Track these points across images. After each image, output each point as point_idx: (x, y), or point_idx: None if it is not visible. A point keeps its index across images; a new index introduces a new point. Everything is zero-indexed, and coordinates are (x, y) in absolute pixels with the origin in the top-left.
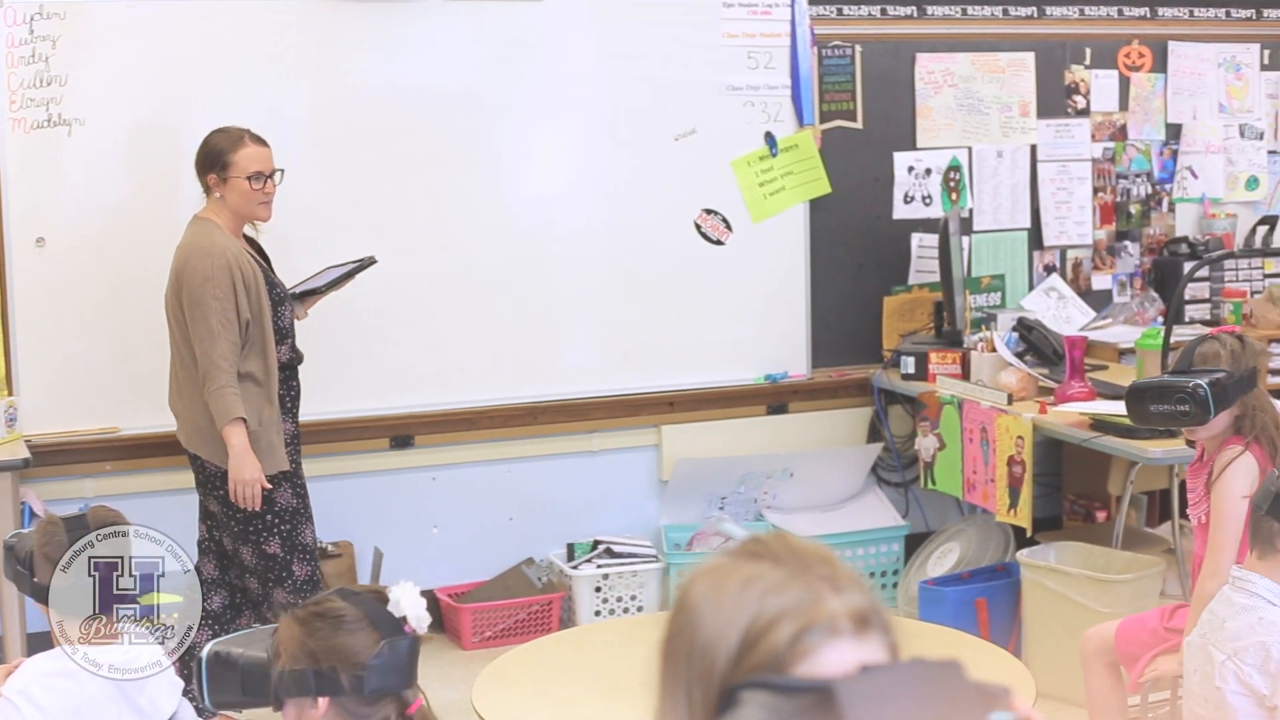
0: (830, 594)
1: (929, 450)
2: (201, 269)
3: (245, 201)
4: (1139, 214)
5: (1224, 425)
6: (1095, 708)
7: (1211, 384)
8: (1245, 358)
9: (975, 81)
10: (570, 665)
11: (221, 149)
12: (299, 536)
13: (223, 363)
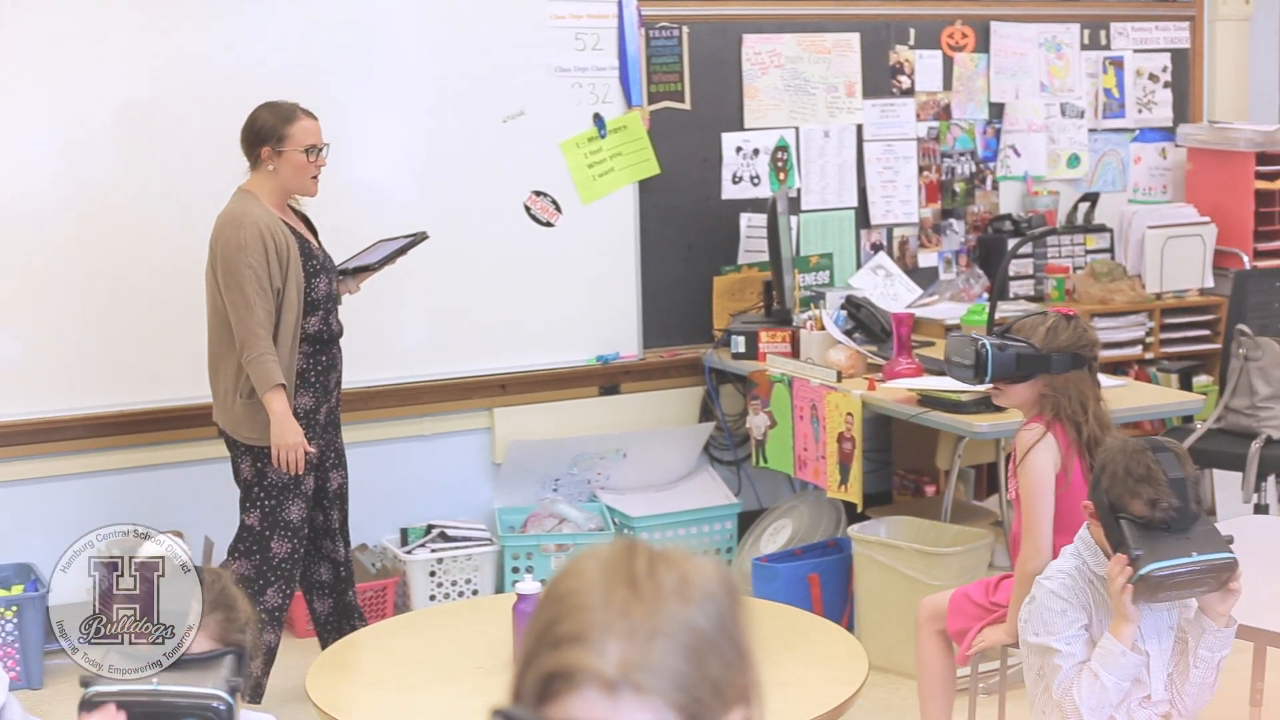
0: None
1: (760, 428)
2: (235, 238)
3: (298, 174)
4: (964, 192)
5: (1025, 399)
6: (924, 672)
7: (999, 348)
8: (1060, 339)
9: (802, 62)
10: (406, 650)
11: (276, 122)
12: (283, 512)
13: (260, 330)
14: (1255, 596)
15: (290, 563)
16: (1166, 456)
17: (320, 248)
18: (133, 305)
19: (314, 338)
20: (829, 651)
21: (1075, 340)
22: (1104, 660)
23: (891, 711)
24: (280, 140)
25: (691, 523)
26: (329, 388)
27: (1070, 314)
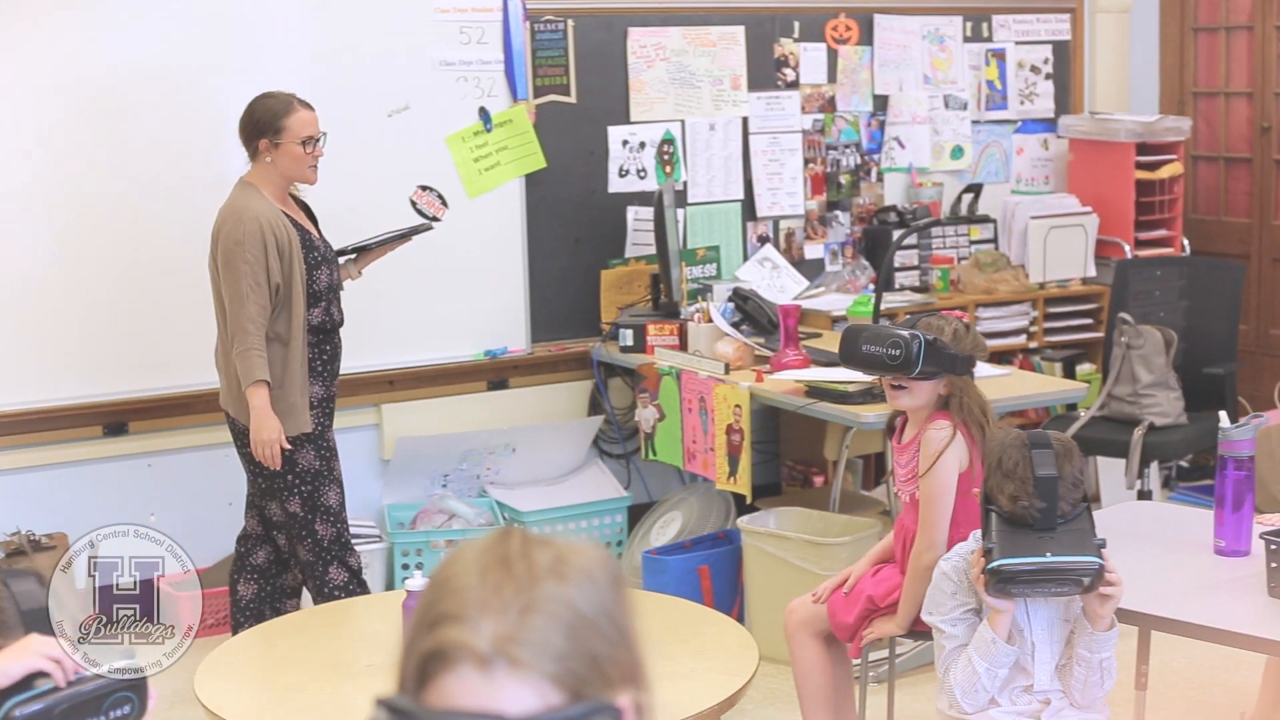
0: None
1: (649, 421)
2: (234, 233)
3: (297, 165)
4: (849, 184)
5: (928, 398)
6: (805, 679)
7: (930, 341)
8: (965, 343)
9: (687, 55)
10: (295, 650)
11: (274, 114)
12: (320, 498)
13: (250, 325)
14: (1139, 581)
15: (339, 545)
16: (1043, 454)
17: (321, 238)
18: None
19: (318, 328)
20: (720, 643)
21: (973, 345)
22: (977, 646)
23: (782, 701)
24: (277, 132)
25: (581, 516)
26: (334, 375)
27: (962, 318)
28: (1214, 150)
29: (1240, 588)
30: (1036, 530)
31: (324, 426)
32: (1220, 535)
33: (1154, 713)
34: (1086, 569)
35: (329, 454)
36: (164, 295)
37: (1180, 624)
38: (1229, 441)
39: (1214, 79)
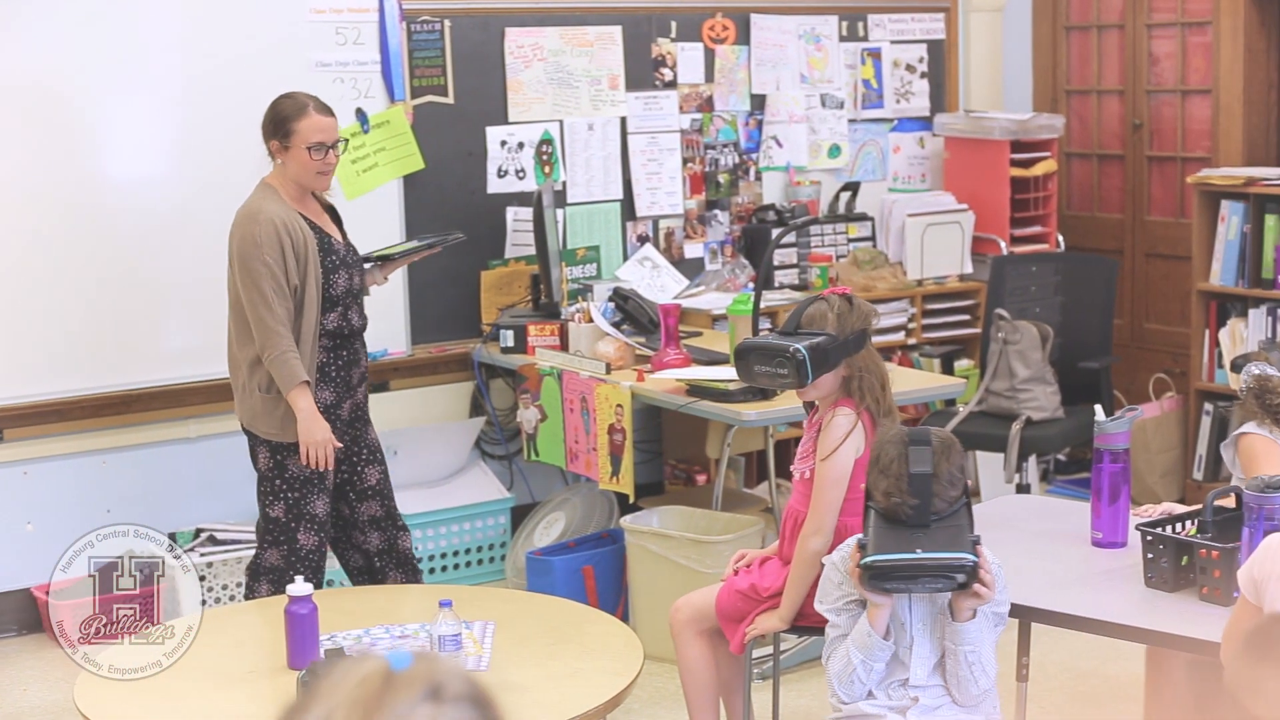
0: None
1: (531, 422)
2: (251, 234)
3: (304, 171)
4: (727, 183)
5: (831, 386)
6: (691, 677)
7: (811, 349)
8: (852, 320)
9: (565, 55)
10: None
11: (286, 116)
12: (307, 505)
13: (280, 328)
14: (1018, 574)
15: (317, 555)
16: (919, 450)
17: (342, 241)
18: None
19: (333, 333)
20: (605, 643)
21: (861, 317)
22: (855, 638)
23: (669, 699)
24: (286, 135)
25: (464, 519)
26: (351, 383)
27: (845, 292)
28: (1087, 147)
29: (1117, 578)
30: (910, 526)
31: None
32: (1097, 527)
33: (1035, 704)
34: (958, 565)
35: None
36: (51, 295)
37: (1059, 615)
38: (1104, 434)
39: (1086, 77)
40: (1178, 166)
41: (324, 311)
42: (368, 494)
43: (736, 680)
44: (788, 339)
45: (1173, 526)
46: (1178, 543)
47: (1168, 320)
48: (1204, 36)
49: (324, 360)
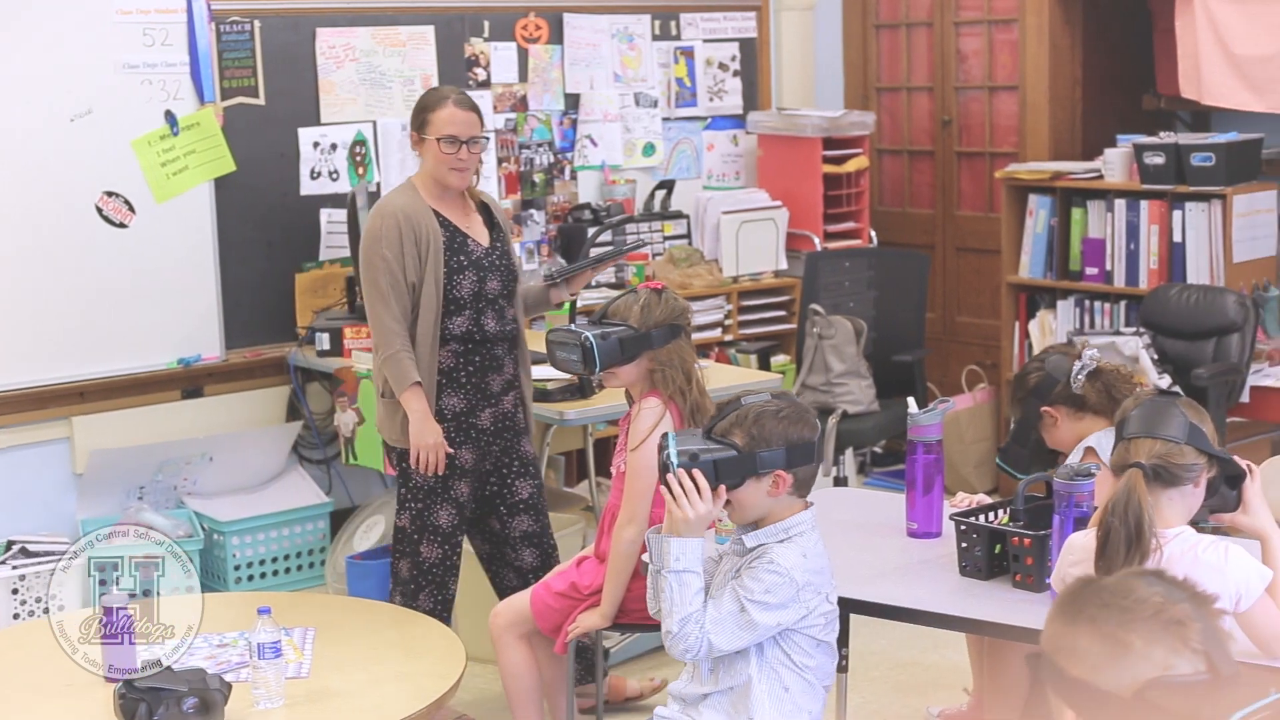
0: None
1: (349, 425)
2: (373, 229)
3: (436, 164)
4: (543, 182)
5: (633, 377)
6: (513, 681)
7: (600, 337)
8: (656, 314)
9: (377, 55)
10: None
11: (424, 106)
12: (431, 516)
13: (395, 325)
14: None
15: (442, 569)
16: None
17: (494, 242)
18: None
19: (462, 337)
20: (426, 645)
21: (669, 312)
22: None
23: (492, 701)
24: (422, 125)
25: (283, 524)
26: (490, 391)
27: (658, 287)
28: (898, 144)
29: (933, 568)
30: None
31: (457, 443)
32: (912, 518)
33: (856, 694)
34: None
35: (452, 472)
36: None
37: (877, 606)
38: (917, 426)
39: (896, 74)
40: (986, 162)
41: (449, 314)
42: (519, 508)
43: (560, 680)
44: (586, 328)
45: (985, 515)
46: (990, 531)
47: (979, 313)
48: (1010, 34)
49: (453, 365)
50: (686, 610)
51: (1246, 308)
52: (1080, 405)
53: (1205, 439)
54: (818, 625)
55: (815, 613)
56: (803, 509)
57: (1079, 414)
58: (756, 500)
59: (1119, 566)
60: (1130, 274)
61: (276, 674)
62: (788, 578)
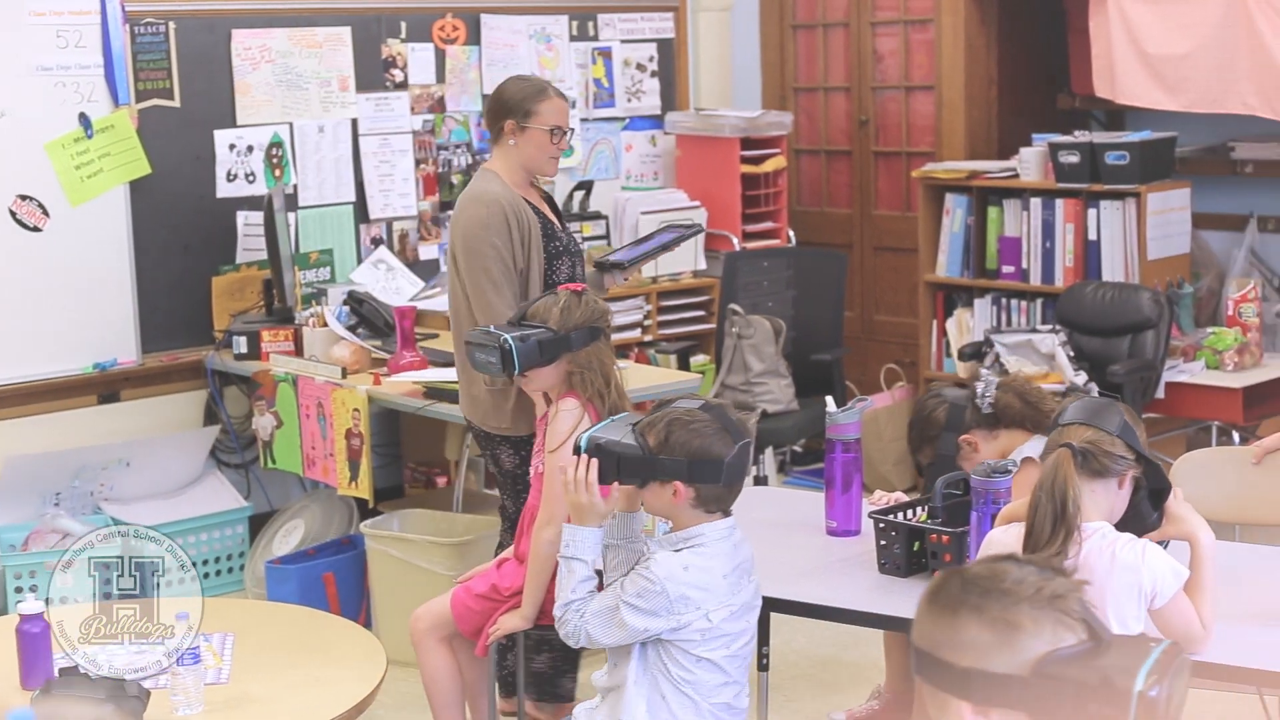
0: None
1: (267, 429)
2: (479, 216)
3: (539, 153)
4: (461, 184)
5: (552, 380)
6: (434, 685)
7: (520, 339)
8: (576, 316)
9: (293, 57)
10: None
11: (526, 96)
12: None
13: (509, 312)
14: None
15: None
16: None
17: (564, 229)
18: None
19: None
20: (347, 650)
21: (588, 314)
22: None
23: (414, 704)
24: (526, 115)
25: (201, 529)
26: None
27: (578, 289)
28: (815, 144)
29: (853, 565)
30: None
31: None
32: (831, 516)
33: (778, 692)
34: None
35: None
36: None
37: (797, 604)
38: (836, 425)
39: (813, 75)
40: (903, 161)
41: None
42: None
43: (481, 683)
44: (505, 330)
45: (904, 513)
46: (909, 529)
47: (896, 312)
48: (926, 34)
49: None
50: (569, 596)
51: (1161, 305)
52: (996, 423)
53: (1137, 440)
54: (693, 641)
55: (690, 628)
56: (709, 521)
57: (995, 433)
58: (660, 504)
59: (1045, 544)
60: (1046, 272)
61: (195, 680)
62: (659, 587)
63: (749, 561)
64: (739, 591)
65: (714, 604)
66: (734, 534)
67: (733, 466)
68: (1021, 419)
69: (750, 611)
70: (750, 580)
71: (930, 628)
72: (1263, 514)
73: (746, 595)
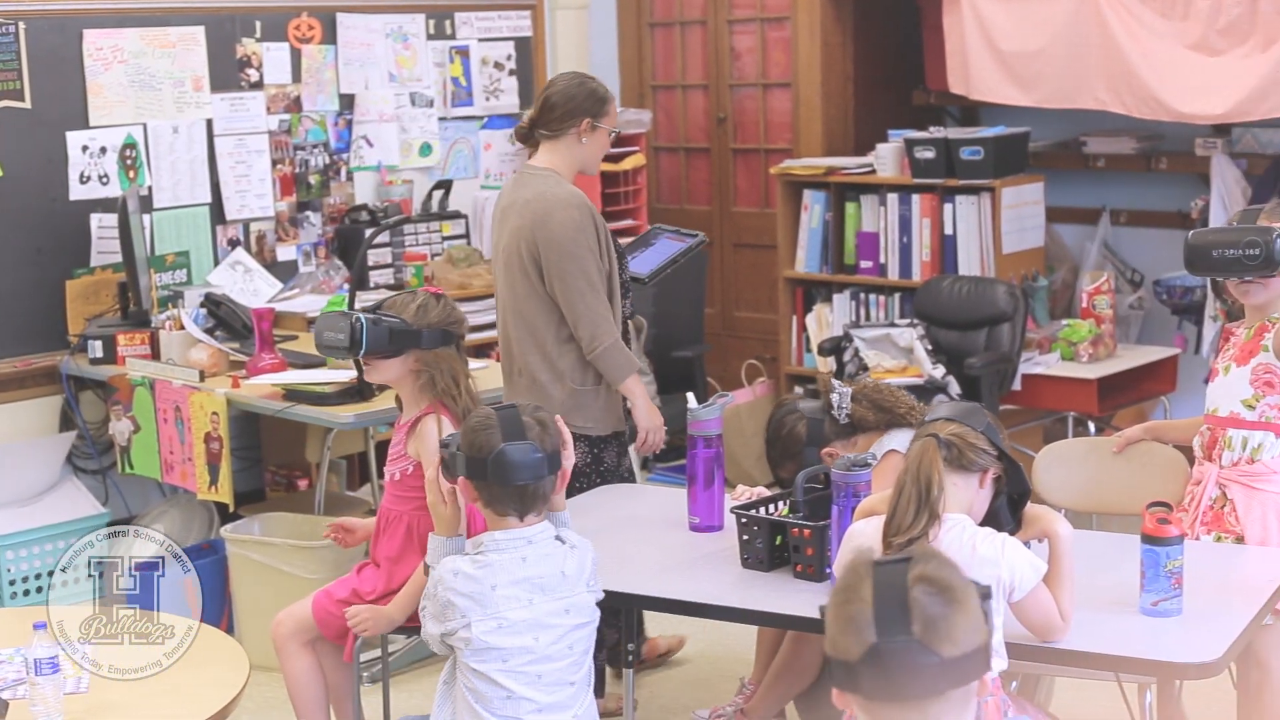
0: None
1: (124, 434)
2: (572, 220)
3: (599, 153)
4: (319, 184)
5: (396, 374)
6: (297, 689)
7: (373, 322)
8: (431, 315)
9: (146, 57)
10: None
11: (602, 97)
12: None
13: (609, 314)
14: (622, 563)
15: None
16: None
17: None
18: None
19: (624, 320)
20: (209, 656)
21: (445, 317)
22: None
23: (278, 708)
24: (599, 116)
25: (59, 536)
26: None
27: (439, 292)
28: (674, 141)
29: (716, 560)
30: None
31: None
32: (694, 512)
33: (644, 689)
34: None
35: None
36: None
37: (662, 600)
38: (697, 421)
39: (671, 72)
40: (761, 158)
41: (622, 298)
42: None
43: (346, 686)
44: (360, 312)
45: (766, 508)
46: (771, 523)
47: (756, 308)
48: (783, 31)
49: None
50: (421, 601)
51: (1016, 298)
52: (853, 431)
53: (1001, 442)
54: (462, 650)
55: (456, 635)
56: (502, 528)
57: (852, 440)
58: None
59: (907, 528)
60: (903, 267)
61: (55, 690)
62: (433, 589)
63: (549, 579)
64: (520, 607)
65: (479, 615)
66: (530, 547)
67: (498, 464)
68: (878, 423)
69: (541, 630)
70: (550, 597)
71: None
72: (1121, 504)
73: (534, 613)
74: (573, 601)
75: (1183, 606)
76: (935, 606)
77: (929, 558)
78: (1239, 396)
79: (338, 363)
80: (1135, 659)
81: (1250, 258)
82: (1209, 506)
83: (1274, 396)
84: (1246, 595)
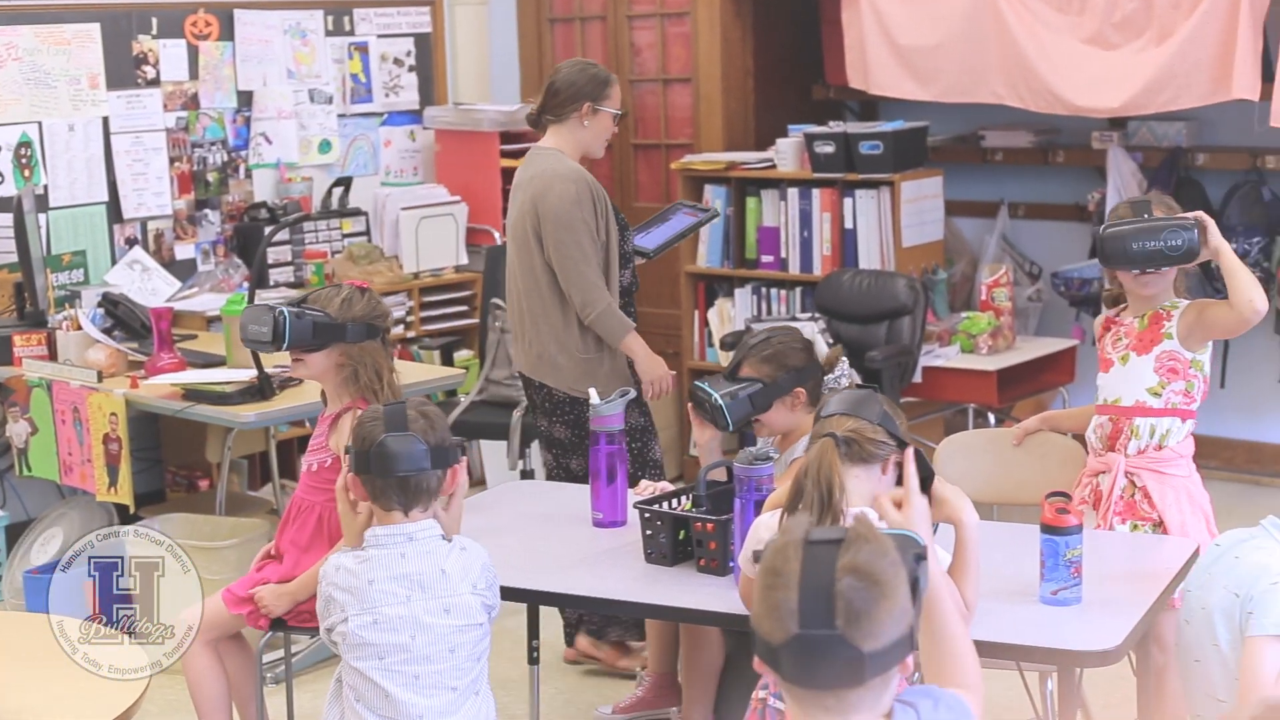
0: None
1: (21, 436)
2: (569, 193)
3: (603, 135)
4: (217, 182)
5: (321, 368)
6: (198, 689)
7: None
8: (355, 309)
9: (41, 54)
10: None
11: (604, 81)
12: (649, 453)
13: (600, 281)
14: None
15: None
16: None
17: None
18: None
19: (625, 290)
20: (110, 659)
21: (369, 311)
22: None
23: (182, 710)
24: (600, 99)
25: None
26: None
27: (364, 286)
28: None
29: (620, 556)
30: None
31: (639, 384)
32: (597, 508)
33: (549, 685)
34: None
35: (648, 409)
36: None
37: (565, 597)
38: (599, 417)
39: None
40: (662, 153)
41: (620, 267)
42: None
43: (249, 686)
44: (283, 305)
45: (669, 502)
46: (674, 518)
47: (659, 303)
48: (683, 27)
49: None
50: None
51: (916, 291)
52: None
53: (897, 428)
54: (339, 644)
55: (335, 631)
56: (385, 524)
57: (811, 409)
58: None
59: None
60: (804, 261)
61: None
62: (320, 585)
63: (428, 576)
64: (396, 603)
65: (355, 609)
66: (410, 543)
67: (380, 456)
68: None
69: (419, 629)
70: (428, 595)
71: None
72: (1021, 494)
73: (411, 610)
74: (453, 602)
75: (1082, 595)
76: (861, 601)
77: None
78: (1144, 385)
79: (240, 361)
80: (1035, 648)
81: (1173, 249)
82: (1120, 496)
83: (1179, 383)
84: (1147, 583)
